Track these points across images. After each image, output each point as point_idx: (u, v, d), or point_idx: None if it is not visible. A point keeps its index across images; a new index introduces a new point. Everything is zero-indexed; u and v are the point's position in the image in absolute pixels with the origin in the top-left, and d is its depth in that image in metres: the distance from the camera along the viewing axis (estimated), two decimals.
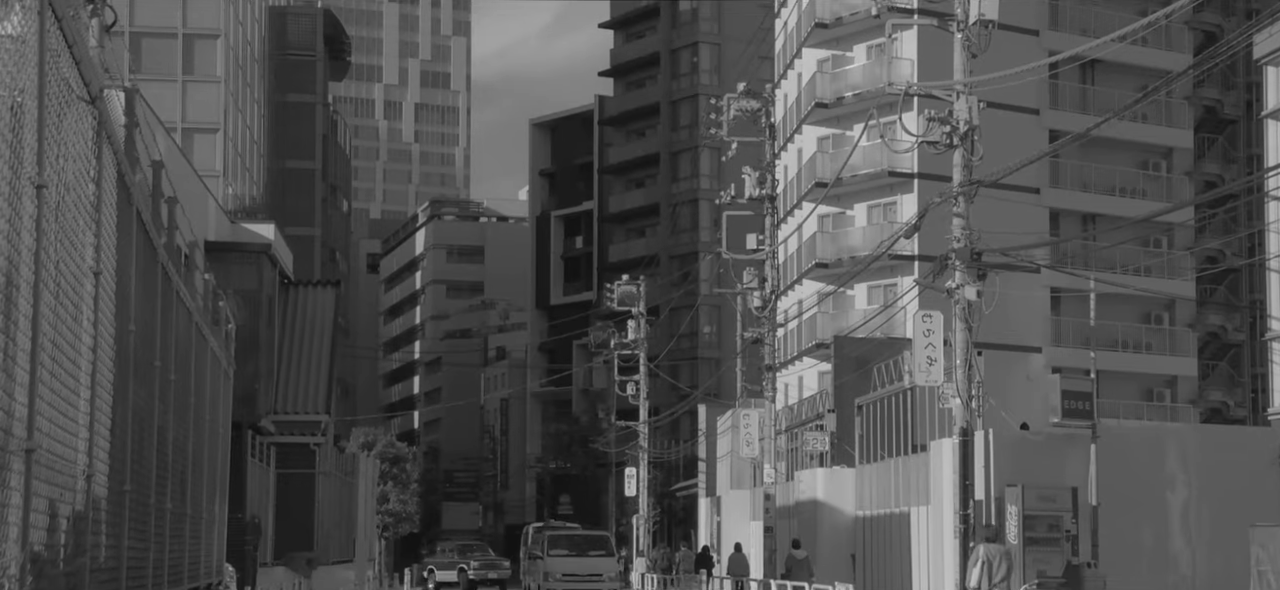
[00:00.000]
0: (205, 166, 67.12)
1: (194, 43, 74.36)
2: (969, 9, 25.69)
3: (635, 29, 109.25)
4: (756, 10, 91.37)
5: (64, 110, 7.38)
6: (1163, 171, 66.35)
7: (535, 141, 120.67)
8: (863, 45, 63.10)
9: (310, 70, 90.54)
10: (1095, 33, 58.74)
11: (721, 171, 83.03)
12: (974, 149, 25.71)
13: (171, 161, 21.42)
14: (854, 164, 57.32)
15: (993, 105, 31.74)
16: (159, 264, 11.58)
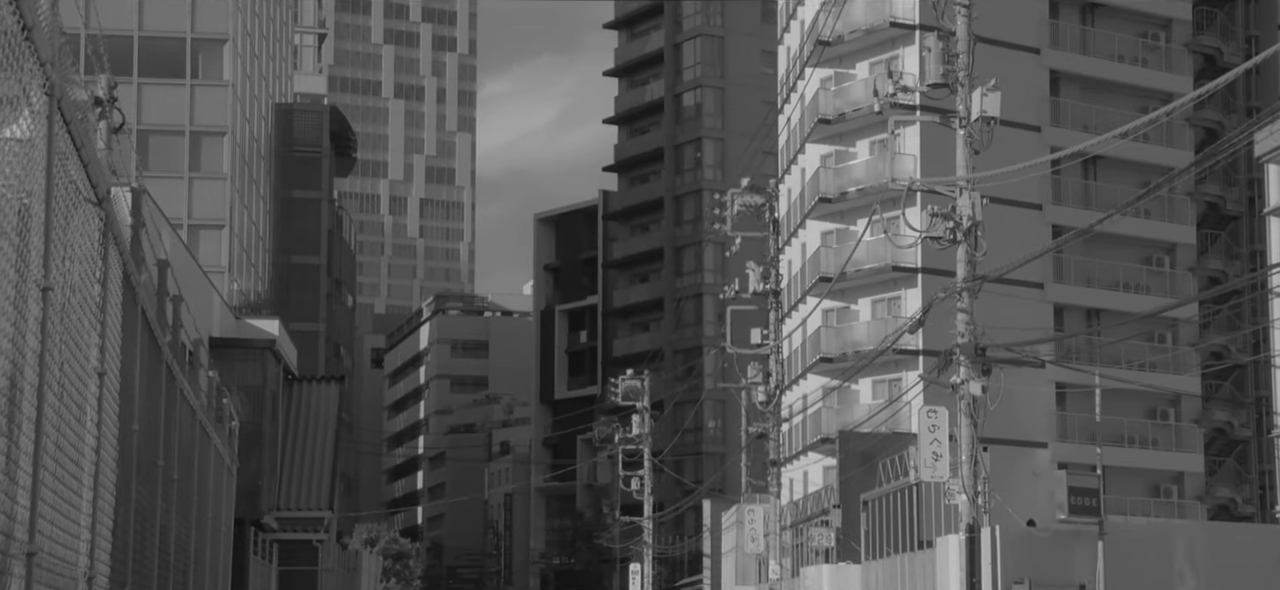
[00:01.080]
0: (211, 262, 67.31)
1: (201, 140, 74.78)
2: (971, 106, 25.82)
3: (639, 125, 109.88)
4: (760, 106, 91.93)
5: (71, 212, 7.42)
6: (1166, 267, 66.42)
7: (540, 236, 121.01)
8: (866, 141, 63.38)
9: (316, 166, 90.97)
10: (1097, 129, 59.02)
11: (725, 266, 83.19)
12: (977, 244, 25.76)
13: (177, 258, 21.49)
14: (858, 259, 57.41)
15: (996, 201, 31.83)
16: (163, 362, 11.58)
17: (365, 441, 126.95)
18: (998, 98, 25.78)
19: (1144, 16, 67.54)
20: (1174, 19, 67.93)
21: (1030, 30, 63.93)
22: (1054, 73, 65.01)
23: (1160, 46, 67.82)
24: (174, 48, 75.08)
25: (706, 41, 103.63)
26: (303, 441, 36.66)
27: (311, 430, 36.88)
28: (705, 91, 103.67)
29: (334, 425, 37.07)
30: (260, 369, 33.05)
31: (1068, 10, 66.12)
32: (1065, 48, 65.48)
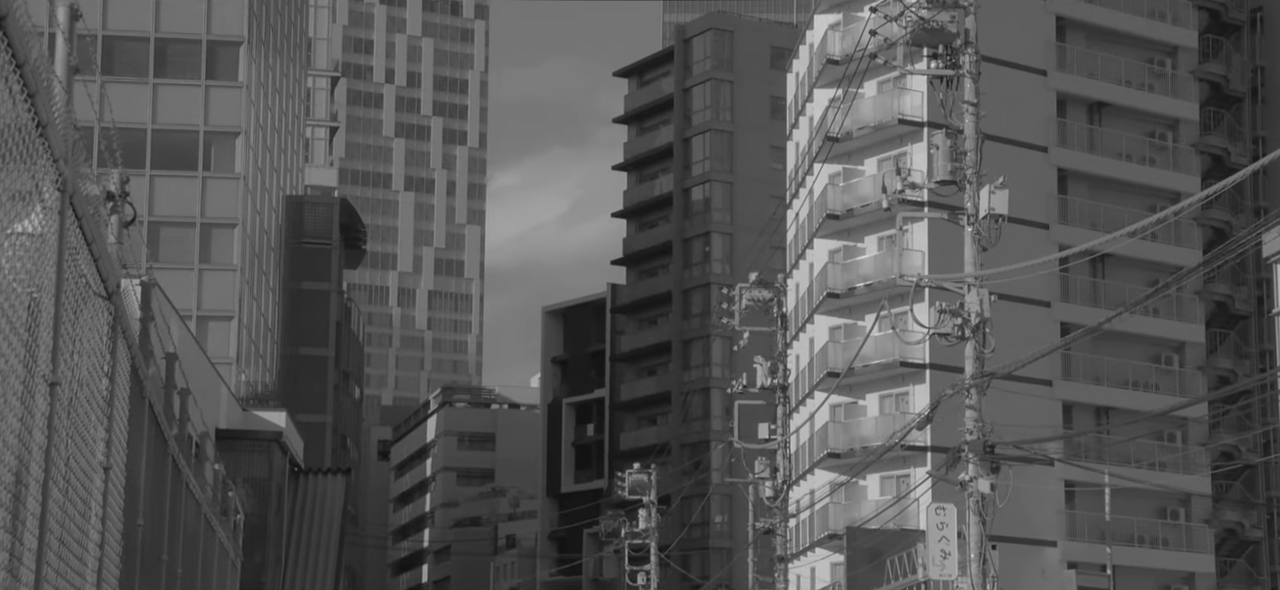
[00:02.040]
0: (219, 353, 67.37)
1: (211, 232, 75.10)
2: (979, 204, 25.88)
3: (648, 219, 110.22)
4: (768, 201, 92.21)
5: (80, 306, 7.43)
6: (1175, 366, 66.29)
7: (547, 329, 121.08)
8: (874, 236, 63.52)
9: (326, 258, 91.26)
10: (1104, 227, 59.11)
11: (733, 360, 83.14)
12: (986, 341, 25.73)
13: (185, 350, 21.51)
14: (866, 354, 57.35)
15: (1004, 298, 31.84)
16: (169, 456, 11.56)
17: (370, 534, 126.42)
18: (1006, 195, 25.83)
19: (1151, 116, 67.87)
20: (1181, 119, 68.26)
21: (1038, 128, 64.25)
22: (1062, 171, 65.24)
23: (1167, 146, 68.10)
24: (187, 140, 75.60)
25: (716, 136, 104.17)
26: (308, 535, 36.53)
27: (317, 523, 36.75)
28: (714, 186, 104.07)
29: (339, 518, 36.95)
30: (266, 461, 33.00)
31: (1075, 108, 66.49)
32: (1073, 146, 65.76)
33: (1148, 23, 67.73)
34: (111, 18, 75.19)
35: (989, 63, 31.50)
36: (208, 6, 76.14)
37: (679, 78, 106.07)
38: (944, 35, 27.04)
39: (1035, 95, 64.34)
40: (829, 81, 65.15)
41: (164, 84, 75.83)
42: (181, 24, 75.92)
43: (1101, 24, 66.70)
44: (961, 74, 26.86)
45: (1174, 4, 68.60)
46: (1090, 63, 66.58)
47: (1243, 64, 71.21)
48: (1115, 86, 66.81)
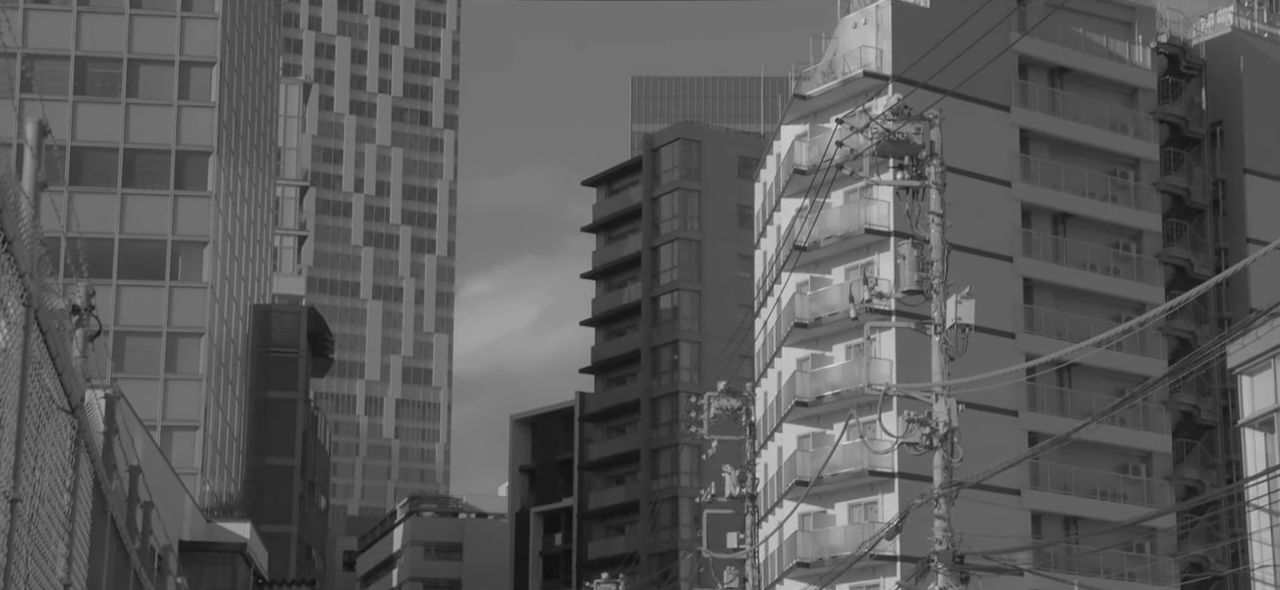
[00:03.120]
0: (183, 464, 66.84)
1: (178, 341, 74.79)
2: (946, 313, 25.99)
3: (617, 327, 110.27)
4: (736, 309, 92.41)
5: (43, 421, 7.38)
6: (1143, 475, 66.39)
7: (516, 437, 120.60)
8: (842, 345, 63.67)
9: (293, 367, 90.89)
10: (1071, 337, 59.45)
11: (702, 469, 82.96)
12: (954, 450, 25.72)
13: (149, 461, 21.35)
14: (834, 463, 57.30)
15: (972, 407, 31.88)
16: (132, 570, 11.44)
17: None
18: (972, 305, 25.94)
19: (1115, 227, 68.47)
20: (1144, 230, 68.86)
21: (1003, 238, 64.71)
22: (1027, 280, 65.65)
23: (1131, 257, 68.64)
24: (154, 250, 75.47)
25: (684, 245, 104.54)
26: None
27: None
28: (682, 294, 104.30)
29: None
30: (230, 573, 32.68)
31: (1039, 219, 67.03)
32: (1038, 256, 66.23)
33: (1110, 135, 68.50)
34: (80, 128, 75.30)
35: (954, 173, 31.76)
36: (177, 117, 76.34)
37: (647, 187, 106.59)
38: (909, 147, 27.29)
39: (1000, 205, 64.88)
40: (796, 191, 65.59)
41: (132, 193, 75.81)
42: (151, 134, 76.06)
43: (1064, 136, 67.44)
44: (927, 185, 27.07)
45: (1135, 117, 69.42)
46: (1054, 174, 67.23)
47: (1203, 177, 71.98)
48: (1079, 198, 67.43)
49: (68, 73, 75.94)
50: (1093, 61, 68.48)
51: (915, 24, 63.18)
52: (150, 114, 76.26)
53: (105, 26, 76.66)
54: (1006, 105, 66.05)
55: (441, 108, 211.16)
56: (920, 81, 47.70)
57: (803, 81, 67.28)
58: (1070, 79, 68.46)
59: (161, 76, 76.52)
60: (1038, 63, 67.53)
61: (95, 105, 76.11)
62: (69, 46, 76.26)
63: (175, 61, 76.69)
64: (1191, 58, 72.25)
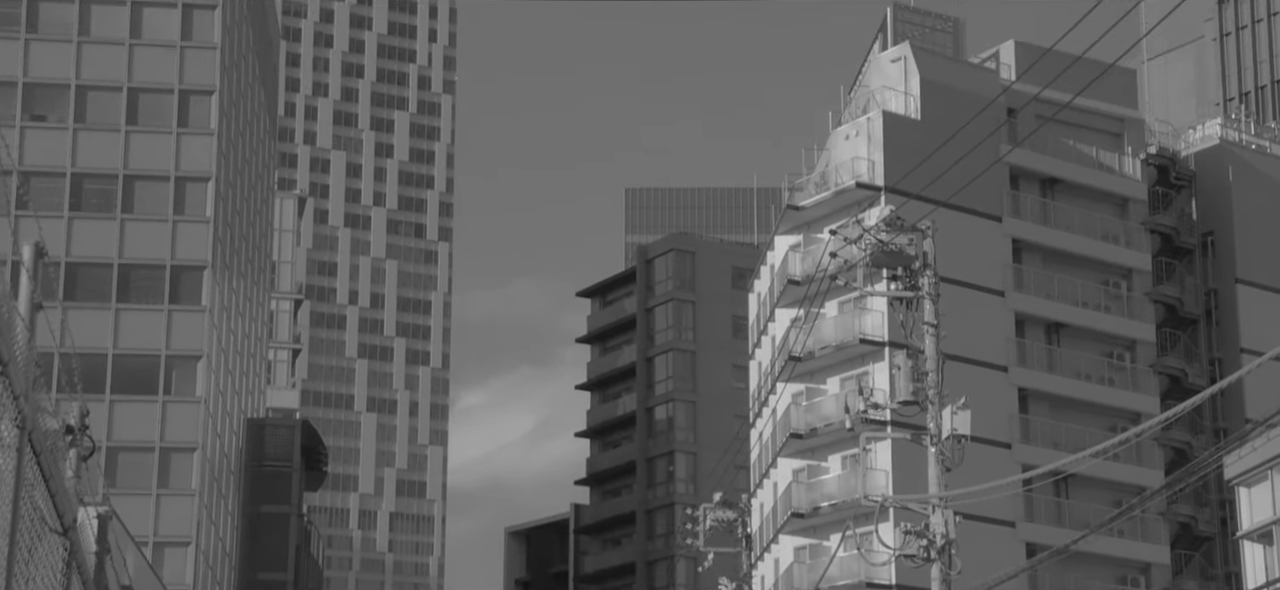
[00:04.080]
0: (175, 581, 66.34)
1: (171, 456, 74.48)
2: (942, 424, 25.94)
3: (611, 438, 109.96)
4: (731, 420, 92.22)
5: (35, 543, 7.33)
6: (1142, 587, 65.97)
7: (510, 550, 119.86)
8: (837, 456, 63.50)
9: (286, 481, 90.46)
10: (1067, 447, 59.36)
11: (698, 582, 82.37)
12: (952, 562, 25.57)
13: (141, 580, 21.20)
14: (831, 575, 56.95)
15: (969, 518, 31.76)
16: None
17: None
18: (968, 416, 25.91)
19: (1109, 337, 68.52)
20: (1138, 340, 68.88)
21: (998, 348, 64.74)
22: (1022, 390, 65.60)
23: (1125, 367, 68.64)
24: (148, 365, 75.34)
25: (678, 356, 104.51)
26: None
27: None
28: (677, 406, 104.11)
29: None
30: None
31: (1033, 329, 67.10)
32: (1032, 366, 66.24)
33: (1102, 245, 68.75)
34: (75, 244, 75.47)
35: (948, 284, 31.83)
36: (173, 232, 76.51)
37: (641, 298, 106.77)
38: (903, 257, 27.37)
39: (994, 315, 64.97)
40: (790, 301, 65.71)
41: (127, 308, 75.80)
42: (146, 250, 76.18)
43: (1056, 246, 67.68)
44: (921, 295, 27.14)
45: (1127, 227, 69.72)
46: (1047, 284, 67.42)
47: (1196, 286, 72.14)
48: (1072, 307, 67.56)
49: (63, 189, 76.22)
50: (1083, 172, 68.89)
51: (906, 135, 63.61)
52: (145, 229, 76.44)
53: (102, 143, 77.05)
54: (998, 215, 66.35)
55: (436, 220, 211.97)
56: (913, 192, 47.96)
57: (796, 192, 67.63)
58: (1061, 189, 68.83)
59: (157, 192, 76.81)
60: (1029, 173, 67.91)
61: (90, 221, 76.32)
62: (65, 163, 76.60)
63: (170, 177, 77.03)
64: (1181, 168, 72.68)
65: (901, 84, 66.32)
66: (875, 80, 67.78)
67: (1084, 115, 67.75)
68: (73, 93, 77.30)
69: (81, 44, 77.86)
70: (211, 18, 78.49)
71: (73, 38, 77.73)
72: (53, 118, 77.30)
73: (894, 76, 66.83)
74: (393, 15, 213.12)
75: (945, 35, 78.81)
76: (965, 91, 64.21)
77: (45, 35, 77.72)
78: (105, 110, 77.41)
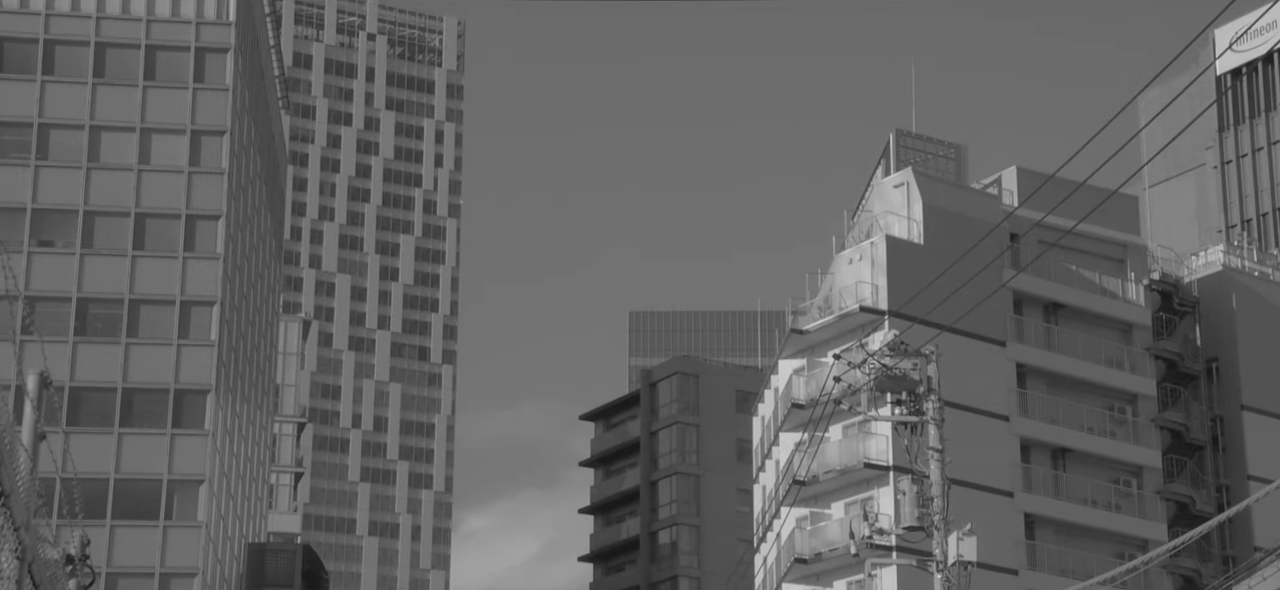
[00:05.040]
0: None
1: (171, 582, 74.01)
2: (947, 550, 25.79)
3: (615, 562, 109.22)
4: (736, 544, 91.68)
5: None
6: None
7: None
8: (843, 581, 63.03)
9: None
10: (1073, 573, 58.92)
11: None
12: None
13: None
14: None
15: None
16: None
17: None
18: (974, 542, 25.80)
19: (1115, 462, 68.12)
20: (1144, 466, 68.46)
21: (1003, 473, 64.45)
22: (1028, 516, 65.21)
23: (1132, 492, 68.25)
24: (150, 489, 75.09)
25: (682, 480, 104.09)
26: None
27: None
28: (681, 529, 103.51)
29: None
30: None
31: (1038, 454, 66.81)
32: (1038, 491, 65.89)
33: (1106, 371, 68.58)
34: (79, 369, 75.48)
35: (952, 408, 31.79)
36: (177, 356, 76.53)
37: (645, 421, 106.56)
38: (907, 382, 27.37)
39: (999, 440, 64.73)
40: (795, 425, 65.55)
41: (129, 433, 75.64)
42: (150, 374, 76.15)
43: (1061, 371, 67.55)
44: (926, 420, 27.09)
45: (1131, 353, 69.60)
46: (1052, 409, 67.22)
47: (1202, 413, 71.91)
48: (1078, 433, 67.31)
49: (69, 314, 76.38)
50: (1087, 297, 68.95)
51: (910, 260, 63.78)
52: (150, 353, 76.50)
53: (108, 268, 77.32)
54: (1002, 340, 66.32)
55: (440, 343, 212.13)
56: (917, 317, 48.01)
57: (799, 316, 67.70)
58: (1065, 315, 68.84)
59: (162, 316, 76.95)
60: (1032, 298, 67.96)
61: (95, 346, 76.39)
62: (71, 288, 76.81)
63: (176, 301, 77.20)
64: (1184, 295, 72.74)
65: (904, 209, 66.60)
66: (878, 205, 68.10)
67: (1087, 241, 67.96)
68: (80, 218, 77.71)
69: (91, 170, 78.42)
70: (220, 144, 79.12)
71: (82, 164, 78.30)
72: (60, 243, 77.64)
73: (897, 201, 67.13)
74: (399, 140, 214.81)
75: (948, 161, 79.45)
76: (968, 217, 64.50)
77: (55, 161, 78.32)
78: (112, 235, 77.78)
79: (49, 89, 78.98)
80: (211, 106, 79.30)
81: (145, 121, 79.00)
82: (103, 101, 79.03)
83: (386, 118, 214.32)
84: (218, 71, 79.69)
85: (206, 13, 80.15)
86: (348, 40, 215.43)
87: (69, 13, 79.78)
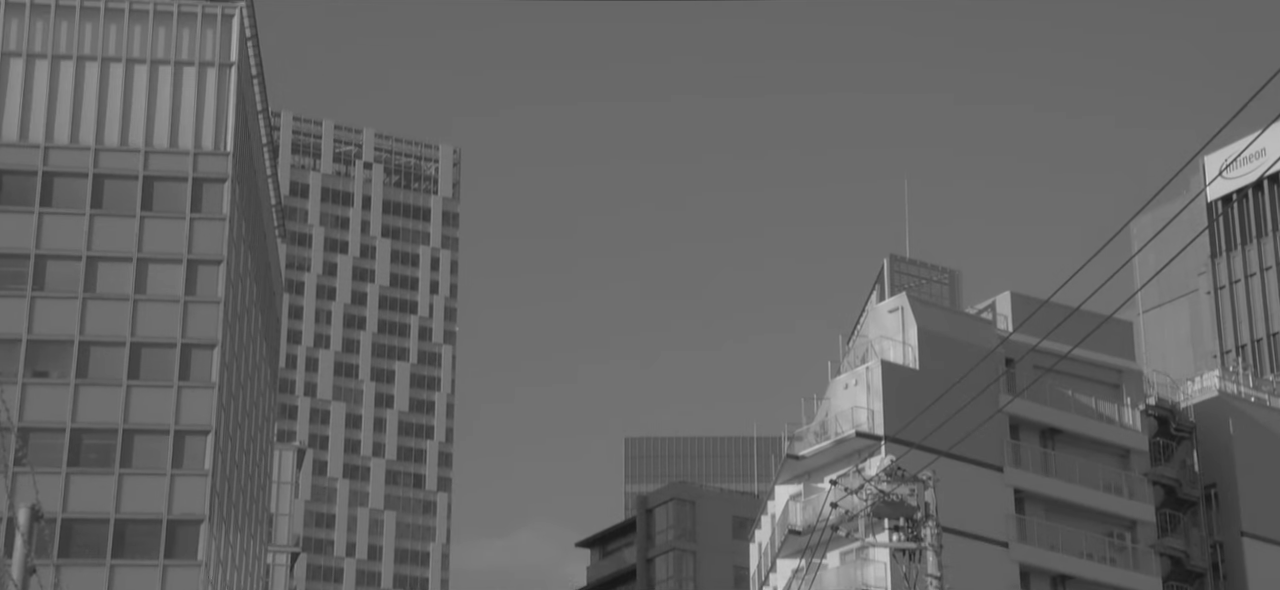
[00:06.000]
0: None
1: None
2: None
3: None
4: None
5: None
6: None
7: None
8: None
9: None
10: None
11: None
12: None
13: None
14: None
15: None
16: None
17: None
18: None
19: None
20: None
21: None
22: None
23: None
24: None
25: None
26: None
27: None
28: None
29: None
30: None
31: (1038, 581, 66.33)
32: None
33: (1105, 497, 68.23)
34: (72, 500, 75.01)
35: (950, 534, 31.66)
36: (170, 486, 76.11)
37: (642, 548, 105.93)
38: (904, 508, 27.27)
39: (998, 567, 64.29)
40: (792, 552, 65.14)
41: (121, 565, 75.00)
42: (143, 505, 75.67)
43: (1059, 497, 67.23)
44: (924, 546, 26.95)
45: (1129, 478, 69.28)
46: (1051, 535, 66.84)
47: (1201, 539, 71.51)
48: (1077, 559, 66.85)
49: (62, 445, 76.05)
50: (1084, 423, 68.81)
51: (905, 385, 63.74)
52: (143, 484, 76.07)
53: (103, 398, 77.07)
54: (1000, 466, 66.10)
55: (435, 470, 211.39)
56: (913, 442, 47.91)
57: (796, 442, 67.52)
58: (1062, 440, 68.67)
59: (156, 446, 76.65)
60: (1029, 423, 67.82)
61: (88, 476, 75.97)
62: (65, 419, 76.54)
63: (170, 431, 76.94)
64: (1181, 420, 72.60)
65: (899, 334, 66.68)
66: (873, 330, 68.17)
67: (1082, 366, 67.97)
68: (76, 348, 77.65)
69: (87, 300, 78.50)
70: (216, 273, 79.29)
71: (78, 294, 78.38)
72: (55, 373, 77.52)
73: (892, 326, 67.21)
74: (395, 267, 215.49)
75: (942, 286, 79.56)
76: (963, 342, 64.56)
77: (51, 292, 78.40)
78: (107, 365, 77.67)
79: (46, 220, 79.29)
80: (208, 236, 79.56)
81: (142, 251, 79.21)
82: (100, 232, 79.30)
83: (382, 245, 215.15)
84: (215, 201, 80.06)
85: (204, 143, 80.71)
86: (344, 169, 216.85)
87: (68, 145, 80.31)
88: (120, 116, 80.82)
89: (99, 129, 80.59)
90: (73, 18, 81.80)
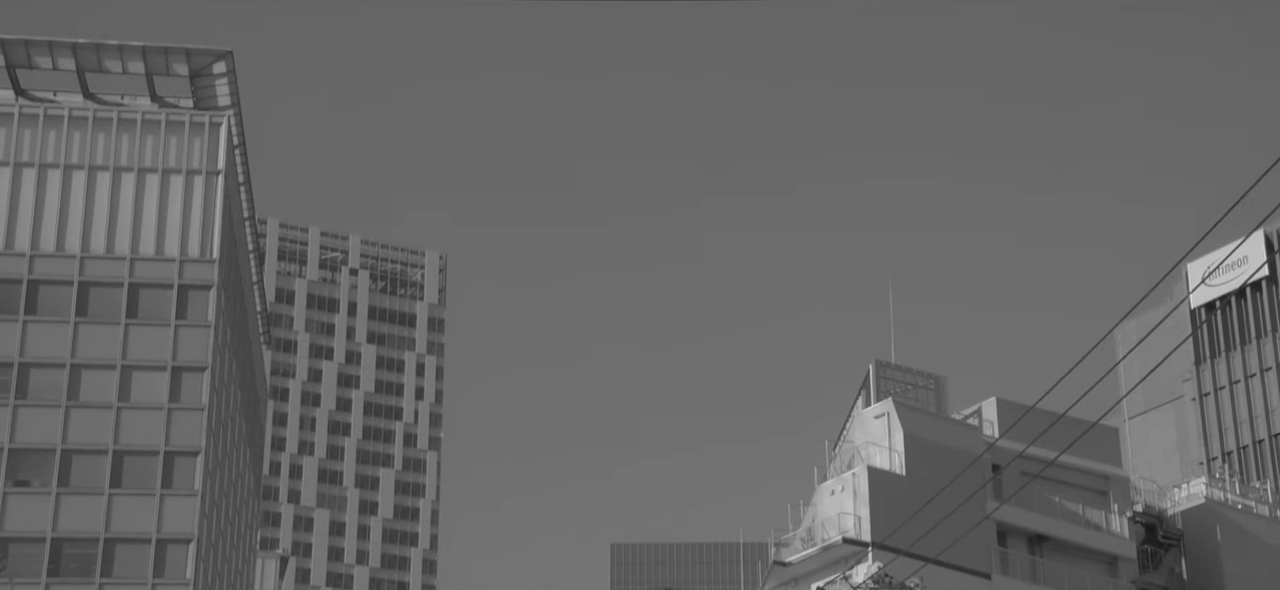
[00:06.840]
0: None
1: None
2: None
3: None
4: None
5: None
6: None
7: None
8: None
9: None
10: None
11: None
12: None
13: None
14: None
15: None
16: None
17: None
18: None
19: None
20: None
21: None
22: None
23: None
24: None
25: None
26: None
27: None
28: None
29: None
30: None
31: None
32: None
33: None
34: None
35: None
36: None
37: None
38: None
39: None
40: None
41: None
42: None
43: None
44: None
45: (1117, 586, 68.58)
46: None
47: None
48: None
49: (43, 555, 75.36)
50: (1071, 529, 68.53)
51: (892, 491, 63.49)
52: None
53: (84, 507, 76.50)
54: (987, 572, 65.70)
55: (419, 578, 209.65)
56: (900, 548, 47.64)
57: (782, 548, 67.11)
58: (1050, 547, 68.36)
59: (137, 555, 75.99)
60: (1016, 530, 67.52)
61: (69, 587, 75.19)
62: (46, 529, 75.92)
63: (152, 539, 76.33)
64: (1168, 527, 72.35)
65: (886, 439, 66.50)
66: (859, 435, 68.00)
67: (1069, 472, 67.80)
68: (57, 457, 77.17)
69: (70, 408, 78.11)
70: (200, 380, 79.02)
71: (61, 402, 78.00)
72: (36, 482, 76.95)
73: (878, 432, 67.05)
74: (381, 374, 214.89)
75: (927, 392, 79.58)
76: (949, 448, 64.40)
77: (34, 401, 78.01)
78: (89, 474, 77.17)
79: (30, 328, 79.08)
80: (193, 343, 79.36)
81: (126, 358, 78.95)
82: (84, 340, 79.08)
83: (368, 352, 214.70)
84: (200, 308, 79.94)
85: (190, 251, 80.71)
86: (330, 275, 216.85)
87: (53, 253, 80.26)
88: (107, 224, 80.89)
89: (85, 236, 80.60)
90: (61, 126, 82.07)
